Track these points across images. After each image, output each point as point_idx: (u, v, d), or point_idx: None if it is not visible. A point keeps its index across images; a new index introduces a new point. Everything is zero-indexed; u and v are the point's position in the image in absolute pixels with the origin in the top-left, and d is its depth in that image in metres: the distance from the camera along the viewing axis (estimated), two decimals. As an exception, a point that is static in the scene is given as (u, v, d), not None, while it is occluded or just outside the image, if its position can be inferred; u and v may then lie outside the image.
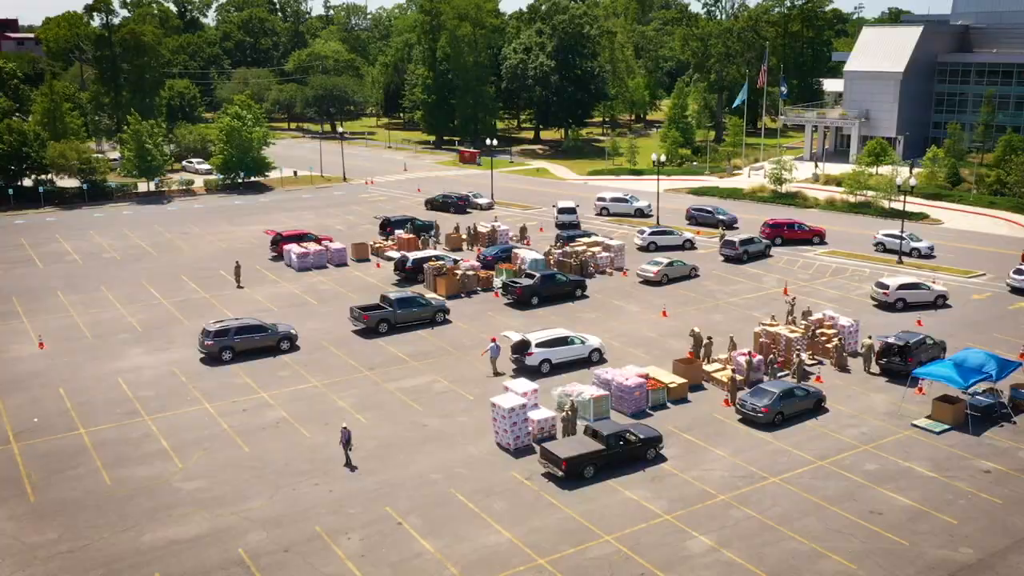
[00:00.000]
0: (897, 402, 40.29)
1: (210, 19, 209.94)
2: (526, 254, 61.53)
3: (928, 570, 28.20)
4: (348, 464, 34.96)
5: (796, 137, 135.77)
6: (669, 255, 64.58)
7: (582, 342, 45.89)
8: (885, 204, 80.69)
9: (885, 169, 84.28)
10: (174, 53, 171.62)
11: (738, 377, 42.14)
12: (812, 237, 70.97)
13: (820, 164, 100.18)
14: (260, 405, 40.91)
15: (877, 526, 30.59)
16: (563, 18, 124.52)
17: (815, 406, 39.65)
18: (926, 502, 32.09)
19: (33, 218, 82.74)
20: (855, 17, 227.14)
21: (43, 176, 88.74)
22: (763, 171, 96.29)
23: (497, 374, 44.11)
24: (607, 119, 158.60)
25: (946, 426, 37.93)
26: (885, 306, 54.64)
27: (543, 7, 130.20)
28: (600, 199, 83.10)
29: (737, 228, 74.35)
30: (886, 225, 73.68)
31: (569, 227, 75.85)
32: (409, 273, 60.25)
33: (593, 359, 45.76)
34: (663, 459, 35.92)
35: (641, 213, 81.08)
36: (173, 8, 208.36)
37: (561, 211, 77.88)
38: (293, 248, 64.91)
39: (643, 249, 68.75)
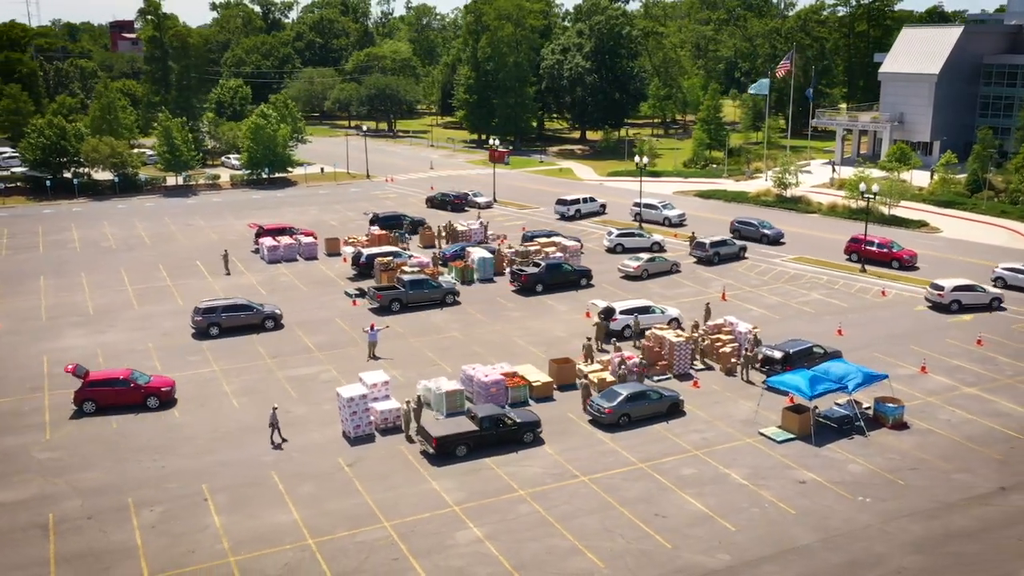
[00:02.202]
0: (755, 409, 40.03)
1: (292, 20, 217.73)
2: (477, 253, 62.88)
3: (672, 573, 28.45)
4: (272, 442, 37.28)
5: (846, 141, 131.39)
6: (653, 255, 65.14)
7: (663, 311, 51.28)
8: (885, 210, 78.26)
9: (878, 174, 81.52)
10: (248, 53, 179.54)
11: (609, 378, 42.60)
12: (890, 260, 63.37)
13: (837, 168, 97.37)
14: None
15: (651, 528, 30.88)
16: (600, 19, 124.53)
17: (669, 409, 39.76)
18: (717, 508, 32.12)
19: (61, 208, 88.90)
20: (966, 15, 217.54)
21: (81, 169, 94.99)
22: (798, 174, 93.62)
23: (373, 358, 46.13)
24: (665, 119, 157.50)
25: (791, 435, 37.52)
26: (940, 307, 54.15)
27: (585, 8, 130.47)
28: (635, 204, 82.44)
29: (783, 244, 70.41)
30: (884, 234, 70.62)
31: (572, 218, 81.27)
32: (363, 268, 62.48)
33: (672, 327, 49.29)
34: (541, 442, 37.33)
35: (669, 222, 77.95)
36: (258, 10, 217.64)
37: (563, 202, 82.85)
38: (265, 241, 68.12)
39: (610, 251, 69.08)
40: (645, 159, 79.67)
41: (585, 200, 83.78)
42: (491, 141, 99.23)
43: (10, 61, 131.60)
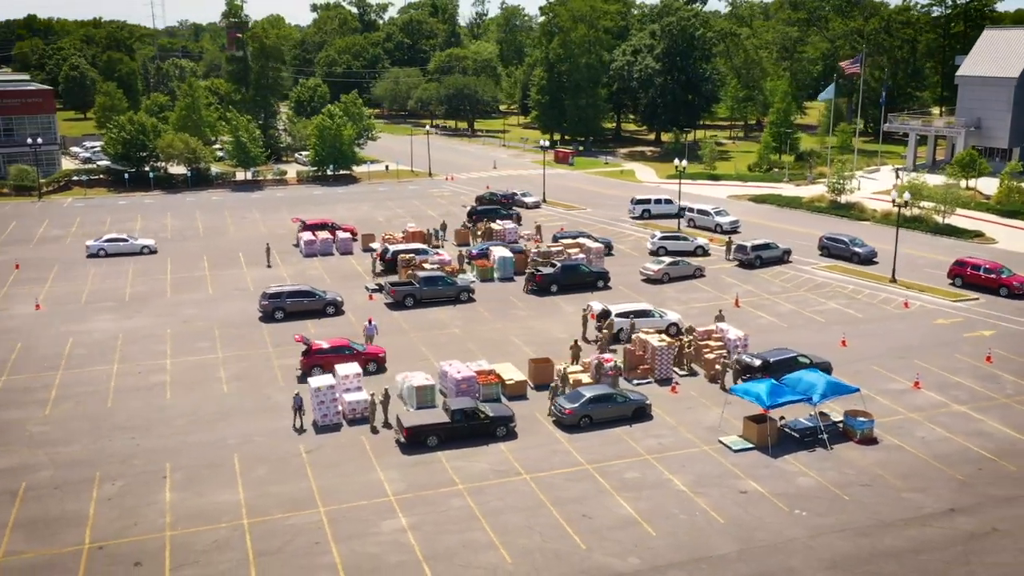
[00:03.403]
0: (724, 417, 39.49)
1: (384, 21, 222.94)
2: (498, 252, 63.68)
3: (577, 573, 28.65)
4: (296, 426, 39.04)
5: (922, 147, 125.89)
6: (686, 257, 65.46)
7: (661, 316, 50.86)
8: (939, 219, 75.19)
9: (936, 180, 78.15)
10: (340, 53, 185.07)
11: (586, 380, 42.72)
12: (999, 287, 57.50)
13: (902, 174, 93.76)
14: (156, 369, 46.20)
15: (573, 529, 31.11)
16: (671, 20, 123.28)
17: (635, 413, 39.66)
18: (646, 513, 32.05)
19: (135, 200, 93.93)
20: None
21: (157, 163, 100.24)
22: (853, 180, 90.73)
23: None
24: (746, 121, 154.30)
25: (749, 445, 36.98)
26: None
27: (658, 9, 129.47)
28: (688, 210, 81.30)
29: (876, 263, 65.06)
30: (936, 243, 67.28)
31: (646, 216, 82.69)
32: (388, 264, 64.16)
33: (671, 332, 49.54)
34: (514, 436, 38.21)
35: (721, 228, 75.87)
36: (355, 11, 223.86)
37: (634, 201, 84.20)
38: (304, 236, 70.68)
39: (653, 254, 68.37)
40: (684, 162, 78.51)
41: (658, 201, 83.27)
42: (542, 143, 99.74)
43: (112, 61, 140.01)
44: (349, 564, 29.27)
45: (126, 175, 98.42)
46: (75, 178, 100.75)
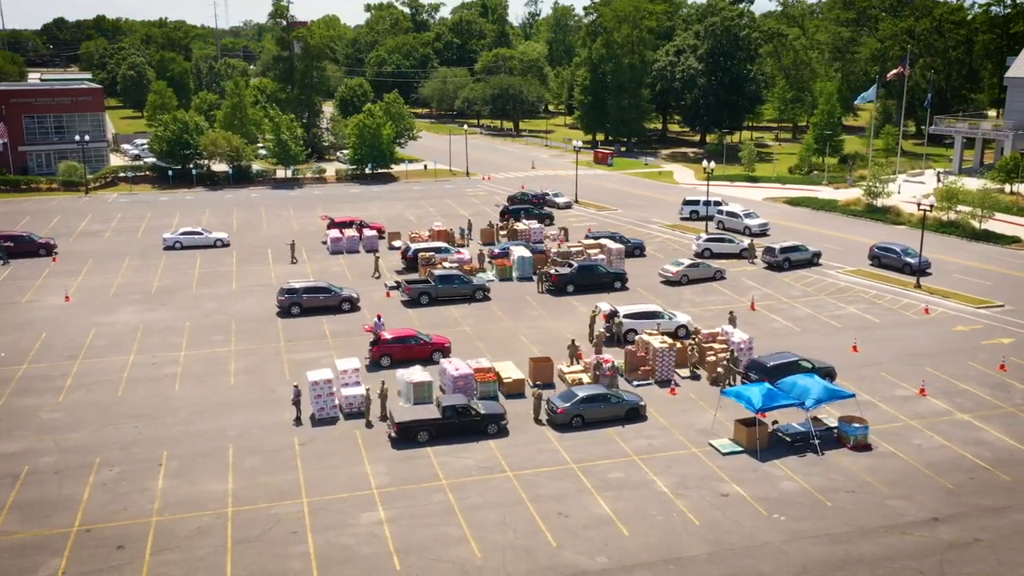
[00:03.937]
0: (718, 420, 39.22)
1: (435, 21, 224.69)
2: (517, 251, 63.98)
3: (543, 570, 28.83)
4: (297, 420, 39.94)
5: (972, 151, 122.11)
6: (721, 262, 65.16)
7: (670, 318, 50.85)
8: (975, 224, 73.28)
9: (975, 183, 76.11)
10: (390, 53, 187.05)
11: (586, 380, 42.80)
12: None
13: (943, 178, 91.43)
14: (169, 361, 47.48)
15: (547, 526, 31.28)
16: (714, 20, 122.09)
17: (628, 414, 39.61)
18: (623, 513, 32.06)
19: (176, 196, 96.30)
20: None
21: (200, 161, 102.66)
22: (896, 183, 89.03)
23: None
24: (795, 123, 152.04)
25: (738, 448, 36.69)
26: None
27: (703, 9, 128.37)
28: (718, 212, 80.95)
29: (930, 274, 61.57)
30: (971, 249, 64.95)
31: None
32: (410, 262, 64.93)
33: (680, 334, 49.84)
34: (506, 433, 38.58)
35: (750, 231, 74.65)
36: (407, 12, 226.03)
37: (684, 202, 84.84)
38: (330, 233, 71.88)
39: (699, 256, 67.81)
40: (712, 164, 77.82)
41: (707, 203, 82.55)
42: (575, 143, 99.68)
43: (164, 60, 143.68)
44: (322, 554, 29.87)
45: (170, 172, 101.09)
46: (121, 174, 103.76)
